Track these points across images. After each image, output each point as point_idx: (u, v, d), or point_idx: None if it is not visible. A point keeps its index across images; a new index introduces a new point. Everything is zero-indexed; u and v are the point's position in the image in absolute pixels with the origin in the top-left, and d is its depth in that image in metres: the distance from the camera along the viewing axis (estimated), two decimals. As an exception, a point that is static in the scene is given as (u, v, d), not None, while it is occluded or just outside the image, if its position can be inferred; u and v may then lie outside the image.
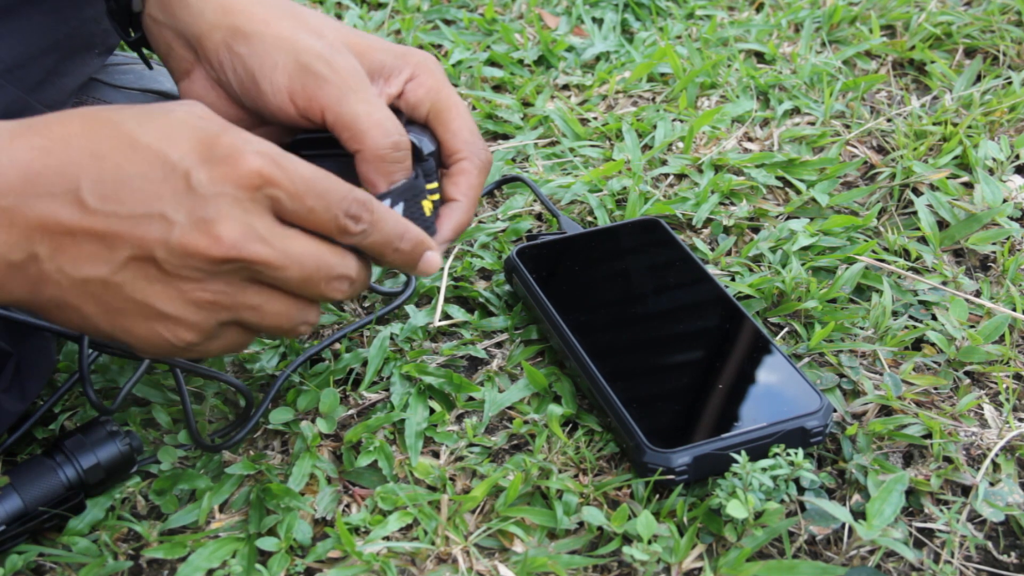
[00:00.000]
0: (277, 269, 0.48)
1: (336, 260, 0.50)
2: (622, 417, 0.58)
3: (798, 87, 0.94)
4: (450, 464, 0.60)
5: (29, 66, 0.62)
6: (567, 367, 0.64)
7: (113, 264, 0.46)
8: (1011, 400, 0.62)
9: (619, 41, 1.03)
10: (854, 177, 0.84)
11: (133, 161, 0.47)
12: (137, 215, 0.47)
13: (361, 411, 0.64)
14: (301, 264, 0.49)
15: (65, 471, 0.55)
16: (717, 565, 0.53)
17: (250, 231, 0.47)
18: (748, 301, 0.69)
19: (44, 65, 0.63)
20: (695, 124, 0.87)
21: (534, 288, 0.68)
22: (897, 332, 0.67)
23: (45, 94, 0.64)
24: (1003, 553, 0.55)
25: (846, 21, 1.04)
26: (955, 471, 0.57)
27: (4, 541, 0.54)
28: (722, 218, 0.77)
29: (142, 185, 0.47)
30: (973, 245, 0.75)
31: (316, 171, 0.49)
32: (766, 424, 0.56)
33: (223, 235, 0.47)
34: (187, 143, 0.47)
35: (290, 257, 0.48)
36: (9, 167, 0.45)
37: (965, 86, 0.93)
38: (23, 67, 0.61)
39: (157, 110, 0.48)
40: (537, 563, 0.53)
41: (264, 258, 0.47)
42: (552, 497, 0.56)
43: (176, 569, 0.54)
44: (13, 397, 0.58)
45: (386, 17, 1.10)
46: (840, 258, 0.73)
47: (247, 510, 0.57)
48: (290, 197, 0.48)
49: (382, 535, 0.55)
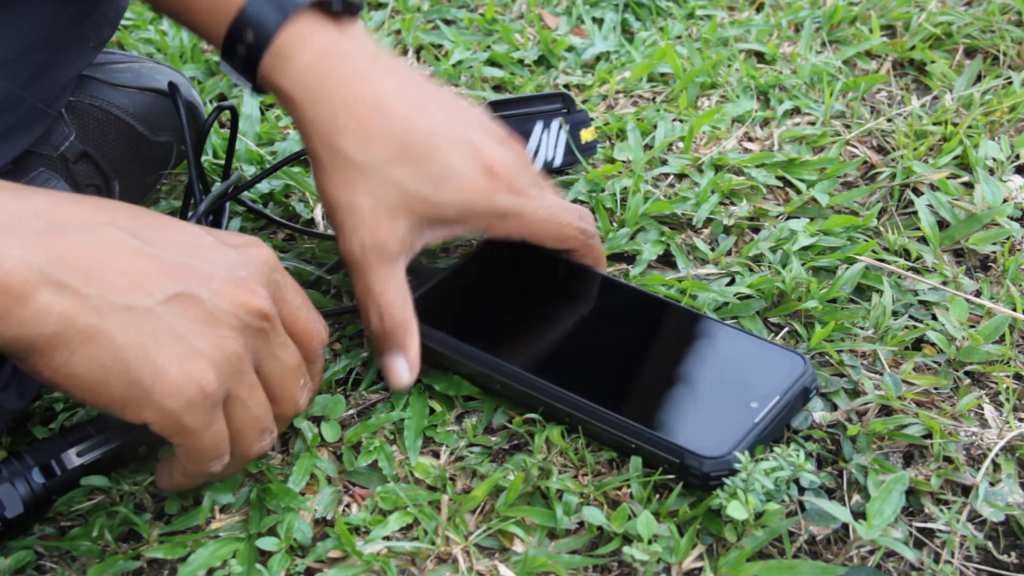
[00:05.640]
0: (284, 347, 0.52)
1: (298, 384, 0.54)
2: (654, 439, 0.56)
3: (798, 87, 0.94)
4: (450, 464, 0.60)
5: (21, 60, 0.61)
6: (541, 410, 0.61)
7: (159, 296, 0.47)
8: (1011, 400, 0.62)
9: (619, 41, 1.03)
10: (854, 177, 0.84)
11: (166, 222, 0.51)
12: (178, 261, 0.49)
13: (361, 411, 0.64)
14: (296, 356, 0.53)
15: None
16: (717, 565, 0.53)
17: (268, 292, 0.51)
18: (748, 301, 0.69)
19: (36, 59, 0.62)
20: (695, 124, 0.87)
21: (462, 347, 0.62)
22: (897, 332, 0.67)
23: (38, 88, 0.63)
24: (1003, 553, 0.55)
25: (846, 21, 1.04)
26: (955, 471, 0.57)
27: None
28: (722, 218, 0.77)
29: (178, 237, 0.50)
30: (973, 245, 0.75)
31: (301, 292, 0.55)
32: (779, 397, 0.58)
33: (260, 291, 0.50)
34: (211, 232, 0.52)
35: (287, 341, 0.53)
36: (38, 200, 0.47)
37: (965, 86, 0.93)
38: (15, 61, 0.61)
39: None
40: (537, 563, 0.53)
41: (278, 324, 0.51)
42: (552, 497, 0.56)
43: (176, 569, 0.54)
44: (11, 395, 0.58)
45: (386, 17, 1.10)
46: (840, 258, 0.73)
47: (247, 510, 0.57)
48: (286, 289, 0.53)
49: (382, 535, 0.55)
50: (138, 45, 1.03)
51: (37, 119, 0.65)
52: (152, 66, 0.79)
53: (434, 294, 0.66)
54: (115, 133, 0.74)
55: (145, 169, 0.78)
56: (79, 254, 0.45)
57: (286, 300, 0.53)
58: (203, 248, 0.50)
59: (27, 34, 0.61)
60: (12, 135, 0.63)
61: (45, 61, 0.63)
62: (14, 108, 0.62)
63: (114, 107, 0.74)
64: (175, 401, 0.47)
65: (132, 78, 0.77)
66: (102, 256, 0.46)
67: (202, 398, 0.48)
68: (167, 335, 0.47)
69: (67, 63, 0.65)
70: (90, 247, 0.46)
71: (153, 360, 0.46)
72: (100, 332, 0.45)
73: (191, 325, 0.47)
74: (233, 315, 0.48)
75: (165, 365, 0.47)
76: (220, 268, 0.49)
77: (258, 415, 0.51)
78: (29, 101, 0.63)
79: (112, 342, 0.45)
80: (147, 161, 0.77)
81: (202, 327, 0.47)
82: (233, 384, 0.49)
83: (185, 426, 0.48)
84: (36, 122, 0.65)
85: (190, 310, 0.47)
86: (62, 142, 0.70)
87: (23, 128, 0.64)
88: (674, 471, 0.56)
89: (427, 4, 1.11)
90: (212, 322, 0.48)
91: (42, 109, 0.64)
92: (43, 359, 0.45)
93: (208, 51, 1.05)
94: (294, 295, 0.54)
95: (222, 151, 0.88)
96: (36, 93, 0.63)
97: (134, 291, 0.46)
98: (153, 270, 0.47)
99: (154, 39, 1.05)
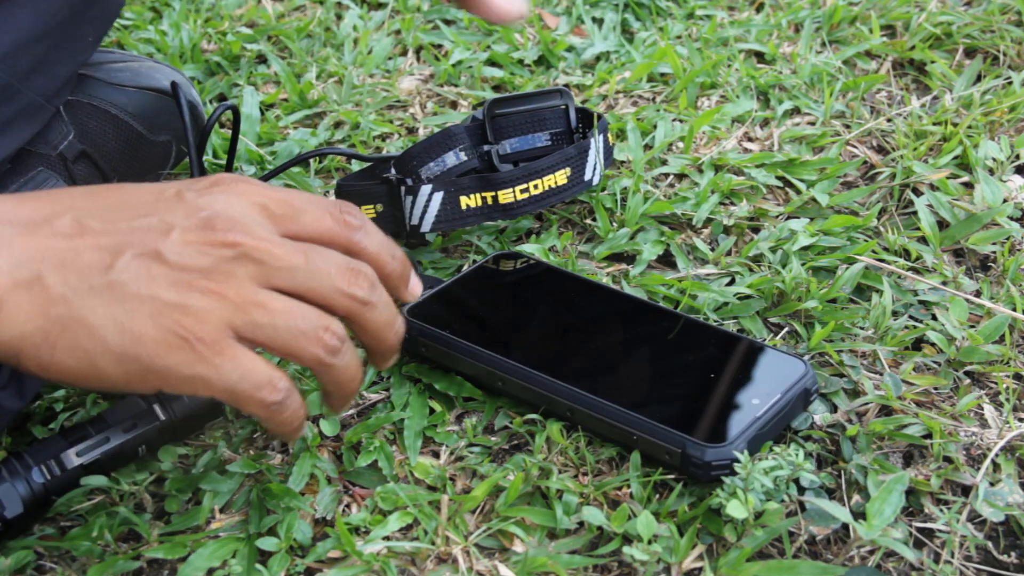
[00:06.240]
0: (280, 259, 0.48)
1: (347, 262, 0.50)
2: (657, 431, 0.56)
3: (798, 87, 0.94)
4: (450, 464, 0.60)
5: (20, 54, 0.61)
6: (542, 407, 0.61)
7: (120, 266, 0.46)
8: (1011, 400, 0.62)
9: (619, 41, 1.03)
10: (854, 177, 0.84)
11: (125, 192, 0.49)
12: (137, 226, 0.48)
13: (361, 411, 0.64)
14: (306, 254, 0.49)
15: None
16: (717, 565, 0.53)
17: (249, 222, 0.48)
18: (748, 301, 0.69)
19: (35, 53, 0.62)
20: (695, 124, 0.87)
21: (464, 346, 0.63)
22: (897, 332, 0.67)
23: (37, 82, 0.63)
24: (1003, 553, 0.55)
25: (846, 21, 1.04)
26: (955, 471, 0.57)
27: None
28: (722, 218, 0.77)
29: (136, 204, 0.49)
30: (973, 245, 0.75)
31: (298, 192, 0.51)
32: (780, 395, 0.58)
33: (220, 223, 0.48)
34: (176, 182, 0.50)
35: (291, 249, 0.49)
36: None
37: (965, 86, 0.93)
38: (14, 55, 0.61)
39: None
40: (537, 563, 0.53)
41: (265, 246, 0.48)
42: (552, 497, 0.56)
43: (176, 569, 0.54)
44: (11, 395, 0.58)
45: (386, 17, 1.10)
46: (840, 258, 0.73)
47: (247, 510, 0.57)
48: (279, 204, 0.50)
49: (382, 535, 0.55)
50: (138, 45, 1.03)
51: (36, 113, 0.65)
52: (151, 65, 0.79)
53: (438, 299, 0.67)
54: (114, 132, 0.74)
55: (144, 169, 0.78)
56: (42, 249, 0.46)
57: (277, 215, 0.50)
58: (162, 203, 0.49)
59: (26, 27, 0.61)
60: (11, 127, 0.63)
61: (44, 54, 0.63)
62: (12, 100, 0.62)
63: (113, 106, 0.74)
64: (168, 359, 0.46)
65: (131, 77, 0.77)
66: (62, 245, 0.46)
67: (191, 346, 0.46)
68: (135, 301, 0.46)
69: (66, 57, 0.65)
70: (52, 240, 0.46)
71: (129, 329, 0.46)
72: (72, 319, 0.45)
73: (157, 283, 0.46)
74: (200, 256, 0.47)
75: (141, 330, 0.46)
76: (180, 217, 0.48)
77: (291, 324, 0.48)
78: (27, 95, 0.63)
79: (86, 325, 0.45)
80: (146, 161, 0.77)
81: (168, 281, 0.46)
82: (235, 316, 0.47)
83: (198, 375, 0.47)
84: (35, 116, 0.65)
85: (152, 268, 0.46)
86: (61, 141, 0.70)
87: (22, 120, 0.64)
88: (675, 462, 0.56)
89: (427, 4, 1.11)
90: (175, 271, 0.47)
91: (41, 103, 0.64)
92: (32, 359, 0.45)
93: (208, 51, 1.05)
94: (298, 202, 0.51)
95: (222, 151, 0.88)
96: (35, 86, 0.63)
97: (95, 271, 0.46)
98: (110, 244, 0.47)
99: (154, 39, 1.05)
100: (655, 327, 0.65)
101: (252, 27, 1.09)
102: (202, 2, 1.14)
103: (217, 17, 1.10)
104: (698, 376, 0.61)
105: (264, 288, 0.48)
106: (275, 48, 1.06)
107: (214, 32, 1.07)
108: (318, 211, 0.51)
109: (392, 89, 0.97)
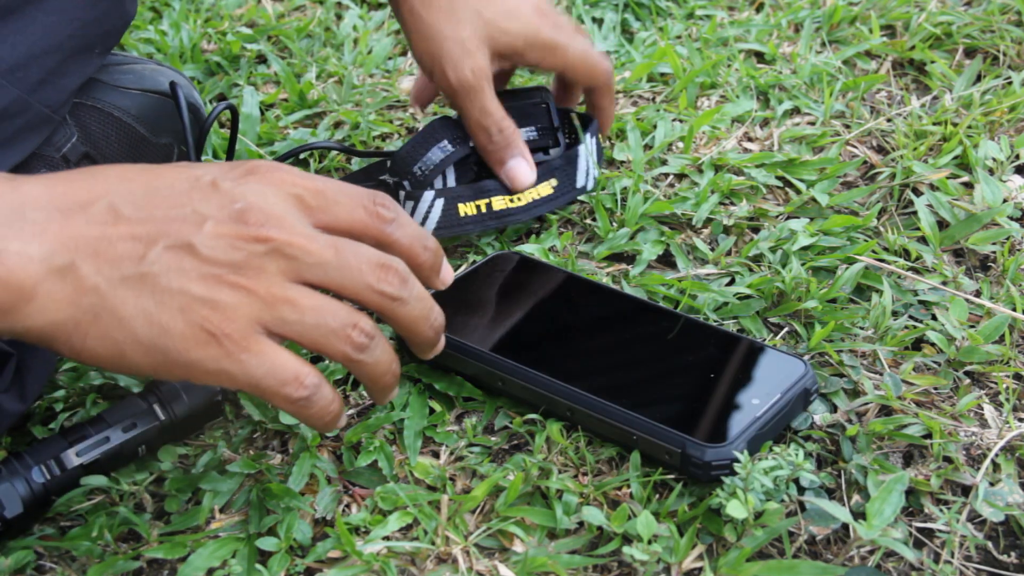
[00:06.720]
0: (311, 255, 0.48)
1: (378, 258, 0.50)
2: (657, 431, 0.57)
3: (798, 87, 0.94)
4: (450, 464, 0.60)
5: (30, 66, 0.62)
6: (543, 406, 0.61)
7: (152, 257, 0.47)
8: (1011, 400, 0.62)
9: (619, 41, 1.03)
10: (854, 177, 0.84)
11: (161, 177, 0.49)
12: (171, 216, 0.48)
13: (361, 411, 0.64)
14: (337, 250, 0.49)
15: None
16: (717, 565, 0.53)
17: (282, 214, 0.49)
18: (748, 301, 0.69)
19: (45, 65, 0.63)
20: (695, 124, 0.87)
21: (465, 345, 0.63)
22: (897, 332, 0.67)
23: (45, 94, 0.64)
24: (1003, 553, 0.55)
25: (846, 21, 1.04)
26: (955, 471, 0.57)
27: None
28: (722, 218, 0.77)
29: (171, 193, 0.49)
30: (973, 245, 0.75)
31: (334, 181, 0.51)
32: (780, 395, 0.58)
33: (253, 216, 0.48)
34: (212, 167, 0.50)
35: (323, 244, 0.49)
36: (32, 188, 0.47)
37: (965, 86, 0.93)
38: (24, 67, 0.61)
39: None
40: (537, 563, 0.53)
41: (297, 242, 0.48)
42: (552, 497, 0.56)
43: (176, 569, 0.54)
44: (13, 398, 0.58)
45: (386, 17, 1.10)
46: (840, 258, 0.73)
47: (247, 510, 0.57)
48: (314, 195, 0.50)
49: (382, 535, 0.55)
50: (138, 45, 1.04)
51: (43, 124, 0.65)
52: (154, 68, 0.79)
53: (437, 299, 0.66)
54: (117, 135, 0.74)
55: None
56: (76, 237, 0.46)
57: (312, 207, 0.50)
58: (196, 191, 0.49)
59: (36, 42, 0.62)
60: (19, 140, 0.64)
61: (53, 68, 0.63)
62: (21, 114, 0.63)
63: (116, 109, 0.75)
64: (194, 353, 0.47)
65: (134, 80, 0.77)
66: (96, 233, 0.46)
67: (218, 341, 0.47)
68: (165, 294, 0.46)
69: (74, 70, 0.66)
70: (86, 227, 0.46)
71: (158, 322, 0.46)
72: (104, 309, 0.46)
73: (188, 276, 0.47)
74: (231, 250, 0.47)
75: (169, 323, 0.46)
76: (213, 208, 0.48)
77: (319, 321, 0.48)
78: (36, 107, 0.63)
79: (116, 316, 0.46)
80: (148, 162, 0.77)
81: (199, 274, 0.47)
82: (263, 312, 0.47)
83: (224, 370, 0.47)
84: (42, 127, 0.66)
85: (184, 261, 0.47)
86: (64, 143, 0.71)
87: (29, 133, 0.65)
88: (675, 462, 0.56)
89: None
90: (206, 265, 0.47)
91: (48, 115, 0.65)
92: (63, 344, 0.46)
93: (208, 51, 1.05)
94: (332, 193, 0.51)
95: (222, 151, 0.88)
96: (43, 99, 0.64)
97: (128, 261, 0.46)
98: (143, 233, 0.47)
99: (154, 39, 1.05)
100: (655, 327, 0.65)
101: (252, 27, 1.09)
102: (202, 2, 1.14)
103: (217, 17, 1.11)
104: (698, 376, 0.61)
105: (295, 283, 0.48)
106: (275, 48, 1.06)
107: (214, 32, 1.07)
108: (351, 202, 0.51)
109: (392, 89, 0.97)
